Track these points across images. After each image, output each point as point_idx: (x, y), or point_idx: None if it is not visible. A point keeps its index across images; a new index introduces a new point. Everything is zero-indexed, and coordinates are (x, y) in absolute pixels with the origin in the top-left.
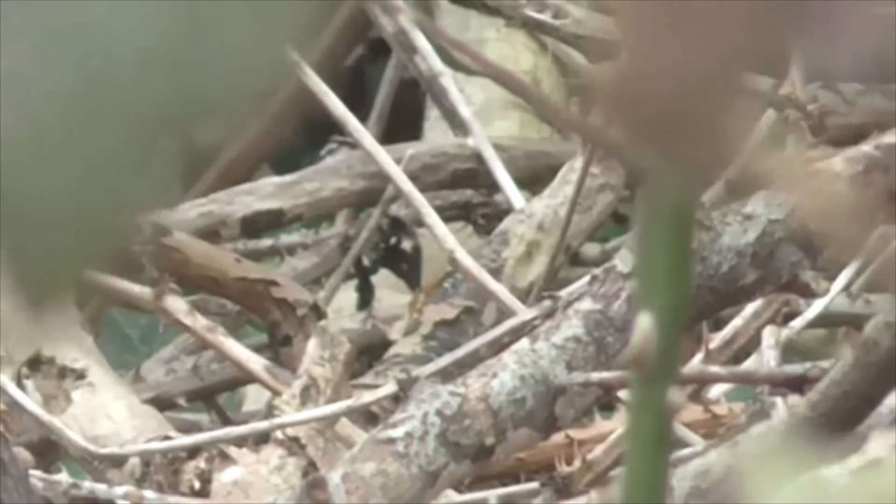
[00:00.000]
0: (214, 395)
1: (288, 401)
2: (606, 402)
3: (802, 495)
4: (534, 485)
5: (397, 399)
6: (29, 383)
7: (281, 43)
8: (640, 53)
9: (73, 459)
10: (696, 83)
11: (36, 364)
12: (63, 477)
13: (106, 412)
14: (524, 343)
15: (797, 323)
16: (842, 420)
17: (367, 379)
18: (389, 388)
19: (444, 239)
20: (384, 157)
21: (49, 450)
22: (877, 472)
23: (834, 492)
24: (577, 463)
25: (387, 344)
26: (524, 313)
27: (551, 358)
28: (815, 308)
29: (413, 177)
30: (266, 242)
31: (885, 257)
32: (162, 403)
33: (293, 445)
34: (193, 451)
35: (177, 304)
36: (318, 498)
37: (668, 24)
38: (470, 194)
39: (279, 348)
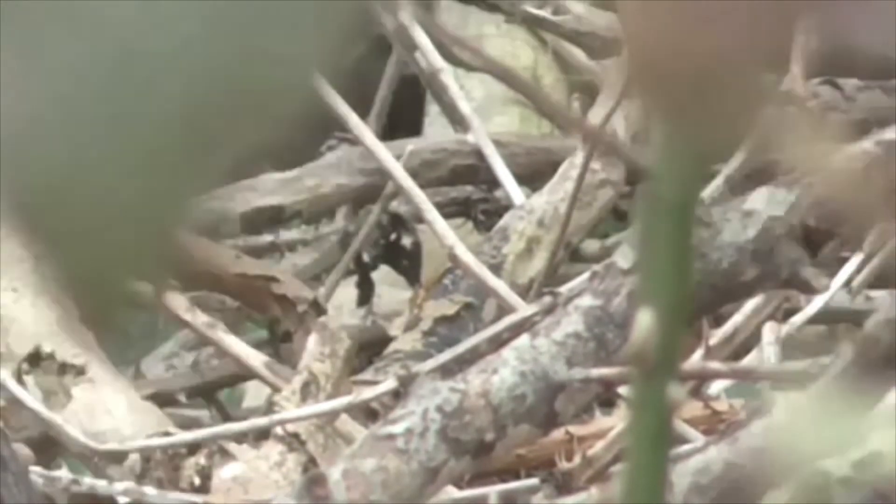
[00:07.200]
0: (214, 391)
1: (288, 397)
2: (606, 399)
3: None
4: (534, 481)
5: (397, 395)
6: (29, 379)
7: (317, 46)
8: (663, 28)
9: (74, 456)
10: (720, 55)
11: (36, 360)
12: (63, 473)
13: (106, 408)
14: (524, 339)
15: (797, 319)
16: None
17: (367, 375)
18: (389, 384)
19: (444, 235)
20: (384, 153)
21: (49, 446)
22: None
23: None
24: (577, 459)
25: (387, 340)
26: (524, 309)
27: (551, 354)
28: (816, 304)
29: (413, 173)
30: (266, 239)
31: (885, 254)
32: (162, 399)
33: (293, 441)
34: (193, 448)
35: (177, 301)
36: (318, 494)
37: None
38: (470, 190)
39: (279, 344)
